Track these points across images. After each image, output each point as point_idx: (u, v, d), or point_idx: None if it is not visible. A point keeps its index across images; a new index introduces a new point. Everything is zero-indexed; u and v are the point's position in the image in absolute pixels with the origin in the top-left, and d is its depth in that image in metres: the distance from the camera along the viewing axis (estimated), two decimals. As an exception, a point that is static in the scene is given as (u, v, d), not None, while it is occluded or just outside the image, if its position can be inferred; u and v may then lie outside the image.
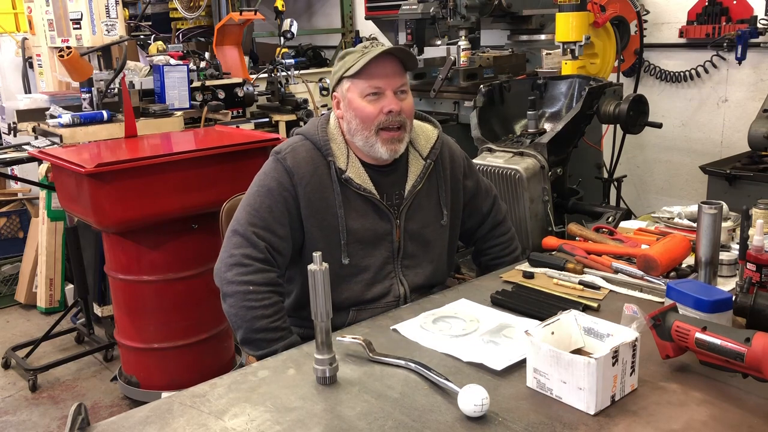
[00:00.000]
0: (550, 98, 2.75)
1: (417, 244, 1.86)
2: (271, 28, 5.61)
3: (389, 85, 1.74)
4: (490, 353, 1.39)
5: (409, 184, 1.84)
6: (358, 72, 1.73)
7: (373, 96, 1.74)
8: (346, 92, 1.77)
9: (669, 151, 4.04)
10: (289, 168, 1.76)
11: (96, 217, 2.60)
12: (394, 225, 1.82)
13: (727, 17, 3.59)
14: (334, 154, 1.78)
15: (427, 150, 1.88)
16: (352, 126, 1.78)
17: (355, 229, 1.78)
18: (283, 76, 4.18)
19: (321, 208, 1.76)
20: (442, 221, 1.90)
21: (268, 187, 1.76)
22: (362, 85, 1.74)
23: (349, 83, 1.76)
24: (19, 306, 4.23)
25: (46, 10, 4.29)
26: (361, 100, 1.75)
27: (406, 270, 1.85)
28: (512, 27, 4.07)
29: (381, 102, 1.74)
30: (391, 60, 1.75)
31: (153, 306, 2.82)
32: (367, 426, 1.18)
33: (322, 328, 1.30)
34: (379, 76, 1.73)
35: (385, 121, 1.74)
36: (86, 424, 1.18)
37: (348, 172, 1.77)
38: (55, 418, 3.01)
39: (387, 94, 1.74)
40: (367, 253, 1.80)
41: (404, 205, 1.83)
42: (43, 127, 3.37)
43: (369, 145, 1.77)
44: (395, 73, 1.75)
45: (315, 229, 1.76)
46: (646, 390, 1.26)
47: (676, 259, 1.72)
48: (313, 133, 1.81)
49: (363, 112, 1.75)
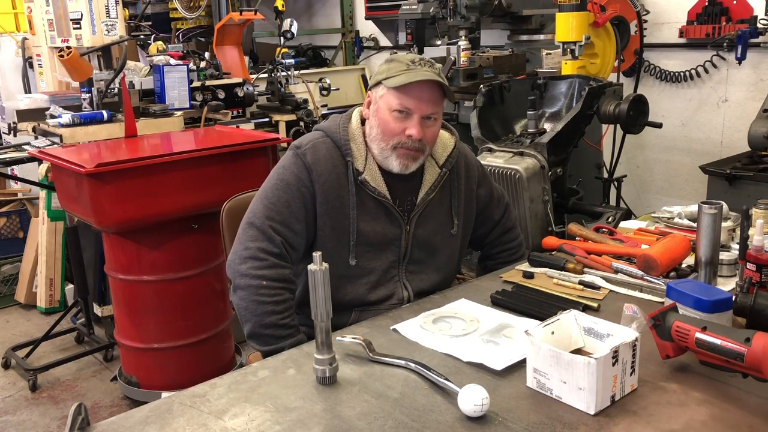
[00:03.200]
0: (550, 98, 2.76)
1: (424, 251, 1.86)
2: (271, 28, 5.61)
3: (420, 109, 1.71)
4: (490, 353, 1.39)
5: (423, 192, 1.83)
6: (395, 85, 1.71)
7: (400, 114, 1.72)
8: (379, 99, 1.76)
9: (669, 151, 4.04)
10: (308, 164, 1.75)
11: (96, 217, 2.60)
12: (404, 230, 1.81)
13: (727, 17, 3.59)
14: (353, 155, 1.77)
15: (444, 158, 1.86)
16: (373, 132, 1.77)
17: (365, 232, 1.77)
18: (283, 76, 4.18)
19: (335, 207, 1.76)
20: (452, 230, 1.90)
21: (287, 182, 1.75)
22: (394, 99, 1.72)
23: (384, 91, 1.74)
24: (19, 306, 4.23)
25: (46, 10, 4.29)
26: (389, 113, 1.73)
27: (411, 275, 1.85)
28: (512, 27, 4.07)
29: (406, 123, 1.72)
30: (431, 87, 1.72)
31: (153, 306, 2.82)
32: (367, 426, 1.18)
33: (322, 328, 1.30)
34: (413, 98, 1.70)
35: (404, 142, 1.73)
36: (86, 424, 1.18)
37: (365, 174, 1.77)
38: (55, 418, 3.01)
39: (414, 118, 1.72)
40: (374, 256, 1.80)
41: (415, 212, 1.83)
42: (43, 127, 3.37)
43: (383, 156, 1.76)
44: (430, 100, 1.72)
45: (327, 227, 1.76)
46: (646, 390, 1.26)
47: (676, 259, 1.72)
48: (334, 131, 1.80)
49: (386, 126, 1.74)
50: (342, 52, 6.00)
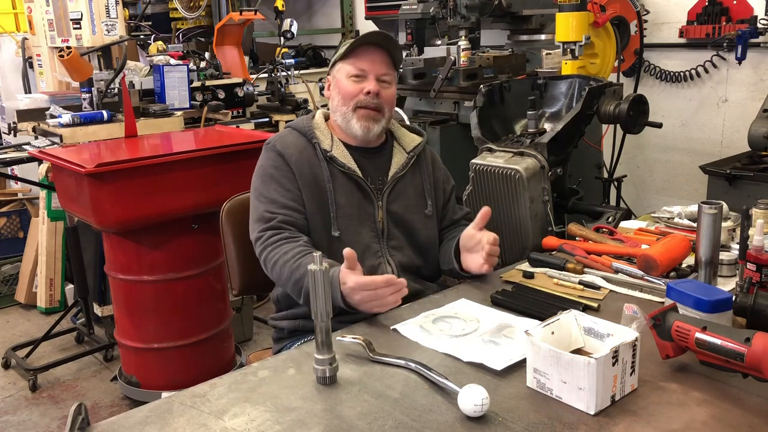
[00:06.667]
0: (550, 98, 2.75)
1: (400, 228, 1.95)
2: (271, 28, 5.62)
3: (373, 70, 1.89)
4: (490, 353, 1.39)
5: (392, 170, 1.96)
6: (347, 54, 1.90)
7: (356, 78, 1.89)
8: (336, 73, 1.94)
9: (669, 151, 4.04)
10: (279, 151, 1.90)
11: (96, 217, 2.60)
12: (377, 206, 1.91)
13: (727, 17, 3.59)
14: (318, 138, 1.92)
15: (411, 147, 2.02)
16: (335, 102, 1.94)
17: (342, 204, 1.89)
18: (283, 76, 4.19)
19: (312, 182, 1.88)
20: (426, 210, 1.99)
21: (269, 174, 1.89)
22: (348, 66, 1.90)
23: (339, 65, 1.93)
24: (19, 306, 4.23)
25: (46, 10, 4.29)
26: (345, 80, 1.90)
27: (393, 251, 1.93)
28: (512, 27, 4.07)
29: (363, 84, 1.89)
30: (379, 50, 1.90)
31: (153, 306, 2.82)
32: (367, 426, 1.18)
33: (322, 328, 1.30)
34: (365, 60, 1.89)
35: (363, 100, 1.88)
36: (86, 424, 1.18)
37: (333, 151, 1.90)
38: (55, 418, 3.01)
39: (369, 78, 1.89)
40: (355, 230, 1.89)
41: (386, 187, 1.94)
42: (43, 127, 3.37)
43: (346, 120, 1.91)
44: (381, 62, 1.90)
45: (310, 201, 1.87)
46: (646, 390, 1.26)
47: (676, 259, 1.72)
48: (298, 124, 1.98)
49: (345, 90, 1.90)
50: (342, 52, 6.00)
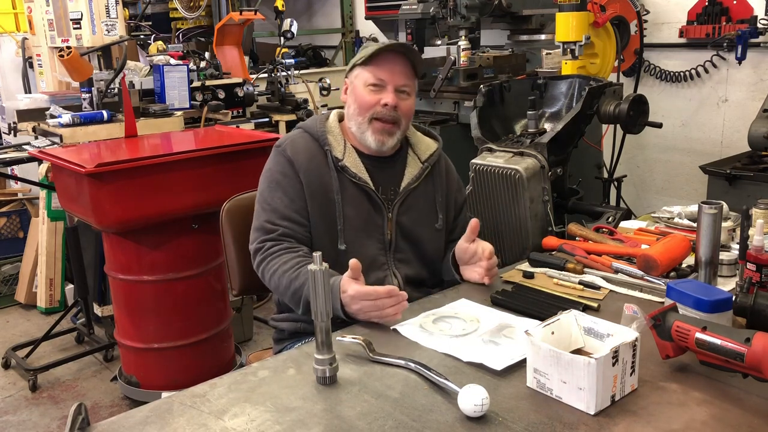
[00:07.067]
0: (550, 98, 2.75)
1: (408, 241, 1.90)
2: (271, 28, 5.61)
3: (393, 80, 1.81)
4: (490, 353, 1.39)
5: (405, 182, 1.90)
6: (367, 61, 1.82)
7: (374, 87, 1.81)
8: (354, 79, 1.86)
9: (669, 151, 4.04)
10: (289, 157, 1.84)
11: (96, 217, 2.60)
12: (386, 217, 1.86)
13: (727, 17, 3.59)
14: (330, 144, 1.85)
15: (426, 156, 1.95)
16: (350, 111, 1.86)
17: (351, 216, 1.83)
18: (283, 76, 4.18)
19: (320, 194, 1.82)
20: (436, 224, 1.94)
21: (277, 181, 1.84)
22: (367, 74, 1.82)
23: (358, 71, 1.85)
24: (19, 306, 4.23)
25: (46, 10, 4.29)
26: (363, 88, 1.83)
27: (399, 263, 1.89)
28: (512, 27, 4.07)
29: (380, 94, 1.81)
30: (401, 59, 1.82)
31: (153, 306, 2.82)
32: (367, 426, 1.18)
33: (322, 328, 1.30)
34: (386, 70, 1.81)
35: (379, 112, 1.81)
36: (86, 424, 1.18)
37: (344, 160, 1.84)
38: (55, 418, 3.01)
39: (388, 89, 1.81)
40: (362, 242, 1.85)
41: (398, 199, 1.88)
42: (43, 127, 3.37)
43: (361, 131, 1.84)
44: (402, 72, 1.82)
45: (316, 213, 1.83)
46: (646, 390, 1.26)
47: (676, 259, 1.72)
48: (311, 126, 1.90)
49: (361, 99, 1.83)
50: (342, 52, 6.01)
